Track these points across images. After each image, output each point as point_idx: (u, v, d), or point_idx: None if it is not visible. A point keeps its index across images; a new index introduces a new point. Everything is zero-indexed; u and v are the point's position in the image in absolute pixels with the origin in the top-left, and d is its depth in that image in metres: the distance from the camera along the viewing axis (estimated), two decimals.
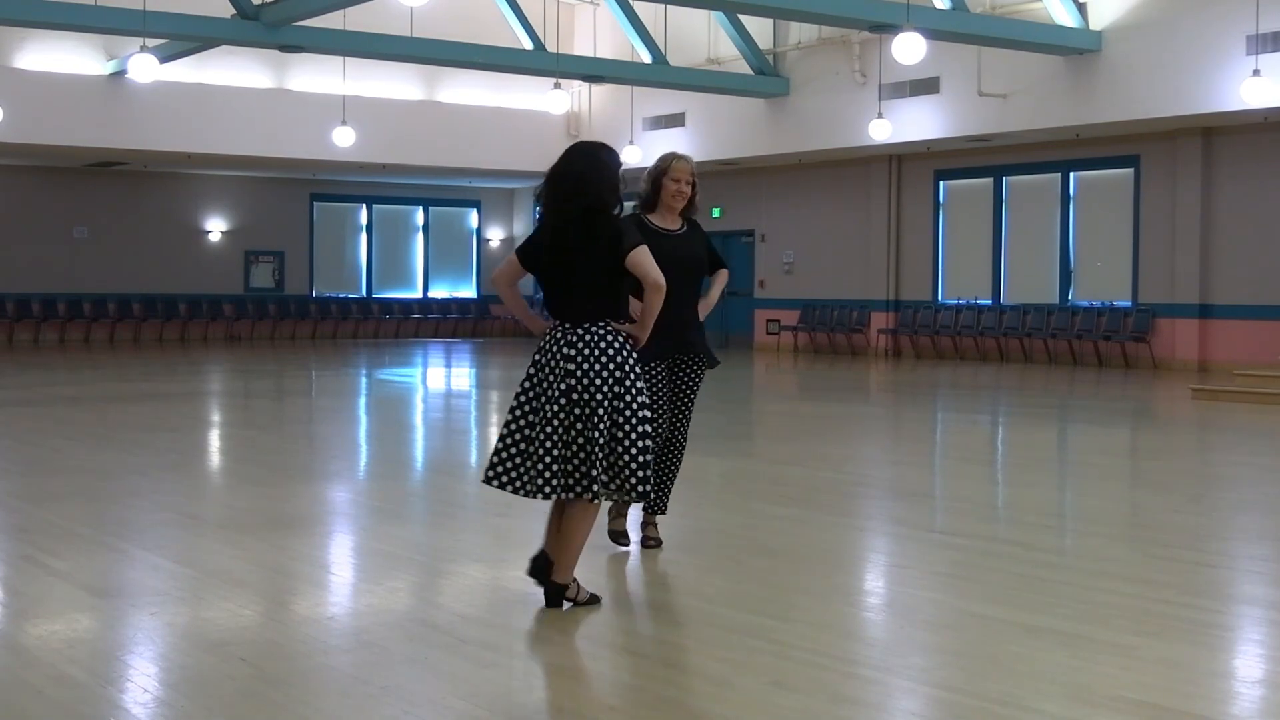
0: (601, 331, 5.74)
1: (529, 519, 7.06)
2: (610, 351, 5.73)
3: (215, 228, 30.98)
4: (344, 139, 24.91)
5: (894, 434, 13.91)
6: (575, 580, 5.77)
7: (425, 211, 33.49)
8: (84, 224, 29.46)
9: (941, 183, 25.24)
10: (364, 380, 20.19)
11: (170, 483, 9.49)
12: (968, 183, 24.84)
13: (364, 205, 32.78)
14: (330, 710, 4.51)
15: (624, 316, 5.85)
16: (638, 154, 26.72)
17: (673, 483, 7.06)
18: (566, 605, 5.72)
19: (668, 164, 6.88)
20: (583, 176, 5.76)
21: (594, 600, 5.83)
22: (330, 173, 30.27)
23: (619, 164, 5.93)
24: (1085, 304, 23.04)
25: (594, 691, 4.72)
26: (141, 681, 4.79)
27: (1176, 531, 7.87)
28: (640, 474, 5.72)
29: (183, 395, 17.13)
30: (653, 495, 6.79)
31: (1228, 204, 21.08)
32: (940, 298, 25.27)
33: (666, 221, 6.88)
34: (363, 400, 17.25)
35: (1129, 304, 22.36)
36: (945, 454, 12.39)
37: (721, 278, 7.11)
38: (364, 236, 32.91)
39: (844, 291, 26.64)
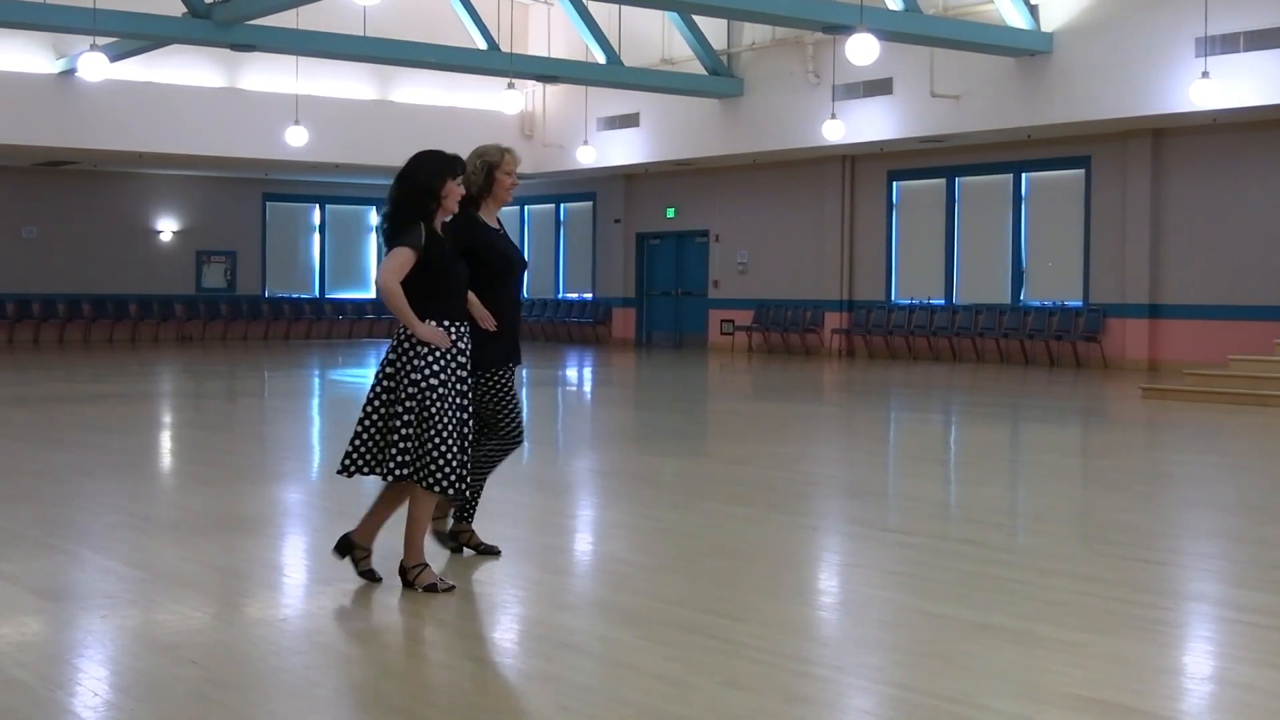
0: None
1: (479, 520, 7.03)
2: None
3: (166, 228, 30.77)
4: (296, 138, 24.78)
5: (847, 433, 13.95)
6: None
7: (378, 211, 33.30)
8: (33, 224, 29.20)
9: (894, 183, 25.35)
10: (316, 381, 20.09)
11: (120, 484, 9.42)
12: (920, 183, 24.96)
13: (317, 205, 32.63)
14: (282, 713, 4.48)
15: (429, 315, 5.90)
16: (592, 154, 26.75)
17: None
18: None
19: (499, 157, 6.32)
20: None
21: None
22: (283, 172, 30.11)
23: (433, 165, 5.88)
24: (1037, 304, 23.19)
25: (548, 692, 4.71)
26: (91, 685, 4.74)
27: (1126, 529, 7.92)
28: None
29: (133, 396, 16.99)
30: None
31: (1177, 204, 21.27)
32: (894, 298, 25.38)
33: (492, 219, 6.41)
34: (315, 401, 17.16)
35: (1080, 304, 22.53)
36: (898, 453, 12.44)
37: None
38: (317, 236, 32.77)
39: (798, 292, 26.71)
